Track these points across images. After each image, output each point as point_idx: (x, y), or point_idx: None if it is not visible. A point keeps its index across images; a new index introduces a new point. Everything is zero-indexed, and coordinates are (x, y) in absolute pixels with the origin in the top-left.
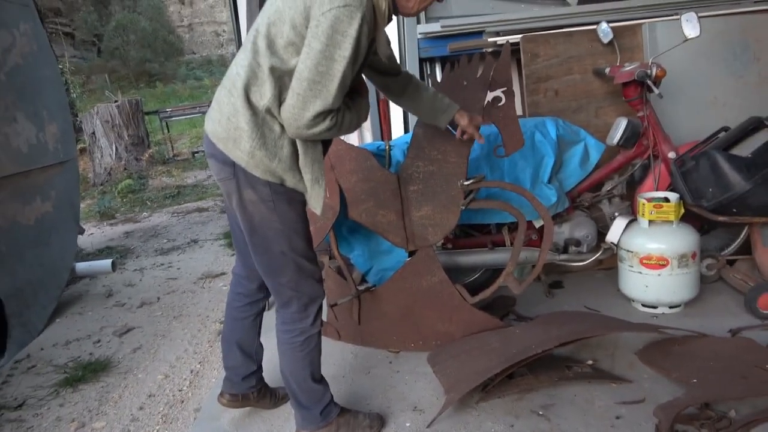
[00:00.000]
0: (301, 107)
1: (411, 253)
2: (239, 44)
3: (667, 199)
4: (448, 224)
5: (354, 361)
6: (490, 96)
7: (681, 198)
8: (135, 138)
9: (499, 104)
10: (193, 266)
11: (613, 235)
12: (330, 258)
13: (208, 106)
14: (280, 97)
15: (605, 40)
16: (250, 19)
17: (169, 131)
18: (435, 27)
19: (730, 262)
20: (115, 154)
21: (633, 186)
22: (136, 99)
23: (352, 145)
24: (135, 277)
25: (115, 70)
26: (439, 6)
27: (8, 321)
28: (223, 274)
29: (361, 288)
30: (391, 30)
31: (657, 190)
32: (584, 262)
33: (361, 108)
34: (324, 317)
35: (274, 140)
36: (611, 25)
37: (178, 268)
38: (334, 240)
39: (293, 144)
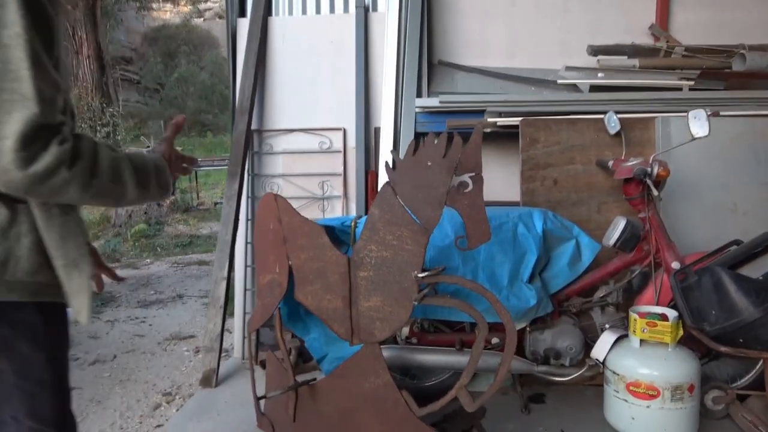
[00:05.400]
0: None
1: None
2: (233, 106)
3: (665, 317)
4: (398, 319)
5: None
6: (456, 180)
7: (680, 317)
8: None
9: (466, 190)
10: (166, 324)
11: (598, 352)
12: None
13: None
14: None
15: (612, 131)
16: (246, 79)
17: (197, 181)
18: (434, 102)
19: (741, 398)
20: None
21: (632, 295)
22: None
23: (306, 219)
24: (103, 329)
25: (171, 118)
26: (445, 81)
27: None
28: (191, 337)
29: (300, 381)
30: (388, 100)
31: (658, 303)
32: (566, 378)
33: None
34: (262, 408)
35: (1, 233)
36: (623, 116)
37: (150, 325)
38: (278, 321)
39: (32, 227)
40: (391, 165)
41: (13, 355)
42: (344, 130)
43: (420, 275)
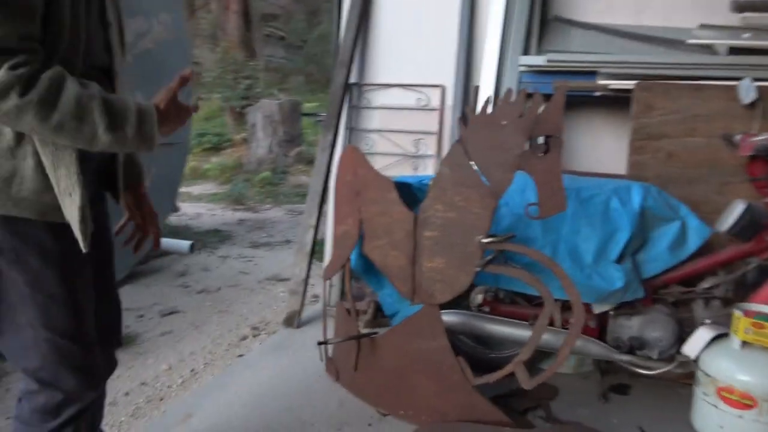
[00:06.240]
0: None
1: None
2: (336, 56)
3: None
4: (459, 284)
5: (336, 411)
6: (532, 142)
7: None
8: (288, 135)
9: (542, 154)
10: (269, 265)
11: (690, 348)
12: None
13: None
14: None
15: (745, 101)
16: (348, 32)
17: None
18: (540, 60)
19: None
20: (269, 147)
21: (745, 291)
22: (296, 100)
23: (378, 173)
24: (214, 263)
25: (311, 74)
26: (559, 39)
27: None
28: (289, 279)
29: (364, 332)
30: (491, 57)
31: None
32: (652, 372)
33: (111, 106)
34: (330, 353)
35: (8, 150)
36: (764, 84)
37: (256, 264)
38: (347, 272)
39: (36, 150)
40: (464, 122)
41: (25, 268)
42: (443, 87)
43: (484, 240)
